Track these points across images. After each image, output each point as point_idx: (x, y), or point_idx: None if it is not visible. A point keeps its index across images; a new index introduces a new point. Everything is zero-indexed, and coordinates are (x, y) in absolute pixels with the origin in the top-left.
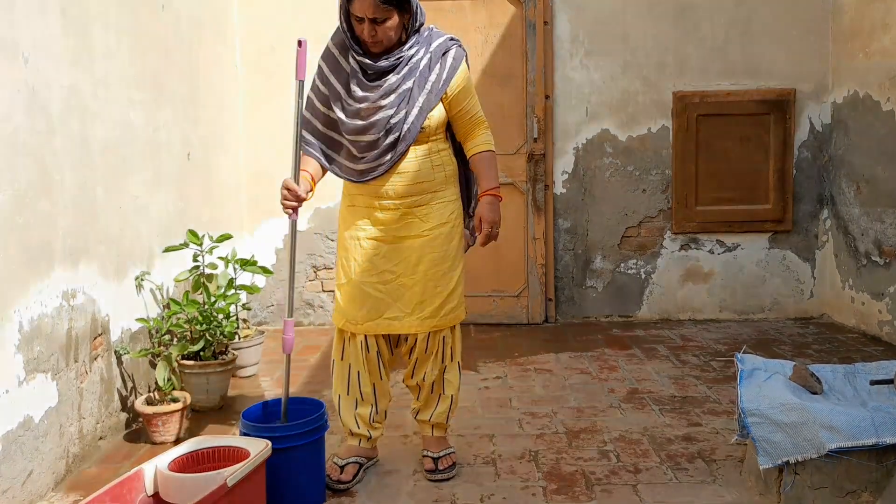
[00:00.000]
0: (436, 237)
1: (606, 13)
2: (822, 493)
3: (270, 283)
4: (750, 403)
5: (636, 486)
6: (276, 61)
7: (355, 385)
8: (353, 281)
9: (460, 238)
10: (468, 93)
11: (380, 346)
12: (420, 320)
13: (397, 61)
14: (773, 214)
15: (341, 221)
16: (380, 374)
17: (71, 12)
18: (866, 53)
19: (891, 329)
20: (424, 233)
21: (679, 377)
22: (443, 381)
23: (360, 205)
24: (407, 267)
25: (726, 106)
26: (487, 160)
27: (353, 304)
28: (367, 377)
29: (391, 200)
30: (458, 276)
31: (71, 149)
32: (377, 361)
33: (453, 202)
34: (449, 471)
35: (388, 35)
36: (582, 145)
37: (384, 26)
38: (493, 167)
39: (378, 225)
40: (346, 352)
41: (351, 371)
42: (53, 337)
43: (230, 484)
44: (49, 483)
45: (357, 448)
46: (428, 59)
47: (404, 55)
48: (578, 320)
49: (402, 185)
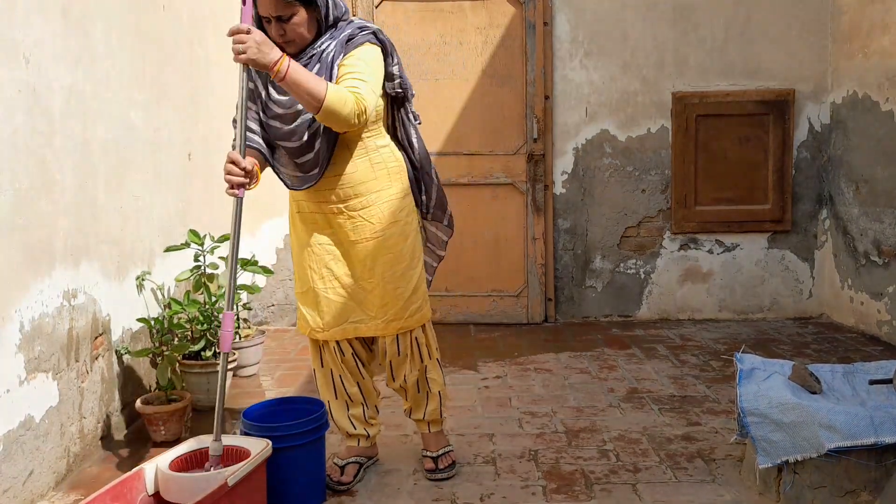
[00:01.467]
0: (387, 237)
1: (606, 14)
2: (822, 493)
3: (271, 283)
4: (749, 403)
5: (636, 486)
6: None
7: (341, 388)
8: (311, 289)
9: (416, 234)
10: (356, 57)
11: (354, 347)
12: (385, 323)
13: (308, 60)
14: (773, 214)
15: (291, 228)
16: (361, 375)
17: (72, 12)
18: (865, 54)
19: (890, 329)
20: (375, 234)
21: (678, 377)
22: (426, 380)
23: (306, 210)
24: (363, 270)
25: (725, 106)
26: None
27: (316, 311)
28: (349, 378)
29: (335, 205)
30: (417, 274)
31: (72, 149)
32: (355, 363)
33: (401, 199)
34: (449, 469)
35: (299, 33)
36: (581, 146)
37: (291, 24)
38: (313, 79)
39: (327, 230)
40: (323, 358)
41: (333, 376)
42: (54, 337)
43: (231, 483)
44: (50, 482)
45: (356, 448)
46: (334, 51)
47: (315, 52)
48: (578, 320)
49: (343, 188)
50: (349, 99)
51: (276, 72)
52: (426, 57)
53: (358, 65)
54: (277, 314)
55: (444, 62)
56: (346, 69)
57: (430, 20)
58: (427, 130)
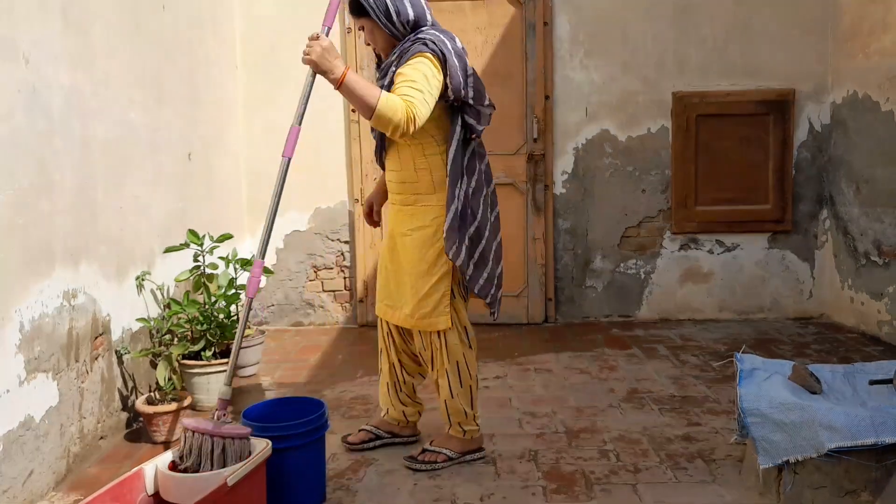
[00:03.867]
0: (416, 238)
1: (606, 14)
2: (822, 493)
3: (271, 283)
4: (749, 403)
5: (636, 486)
6: (275, 61)
7: (379, 360)
8: (378, 265)
9: (443, 249)
10: (409, 66)
11: (391, 328)
12: (404, 316)
13: (383, 71)
14: (773, 215)
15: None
16: (388, 355)
17: (71, 12)
18: (866, 54)
19: (890, 329)
20: (408, 232)
21: (679, 377)
22: (437, 384)
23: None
24: (398, 263)
25: (726, 106)
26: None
27: (378, 284)
28: (384, 355)
29: (391, 195)
30: (433, 283)
31: (71, 149)
32: (386, 343)
33: (437, 208)
34: (422, 463)
35: (374, 39)
36: (582, 145)
37: (368, 31)
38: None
39: (392, 220)
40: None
41: (378, 347)
42: (54, 337)
43: (230, 483)
44: (50, 482)
45: (380, 419)
46: (395, 61)
47: (385, 64)
48: (578, 320)
49: (392, 182)
50: (400, 107)
51: (333, 79)
52: None
53: (409, 73)
54: (277, 314)
55: None
56: (399, 77)
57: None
58: None
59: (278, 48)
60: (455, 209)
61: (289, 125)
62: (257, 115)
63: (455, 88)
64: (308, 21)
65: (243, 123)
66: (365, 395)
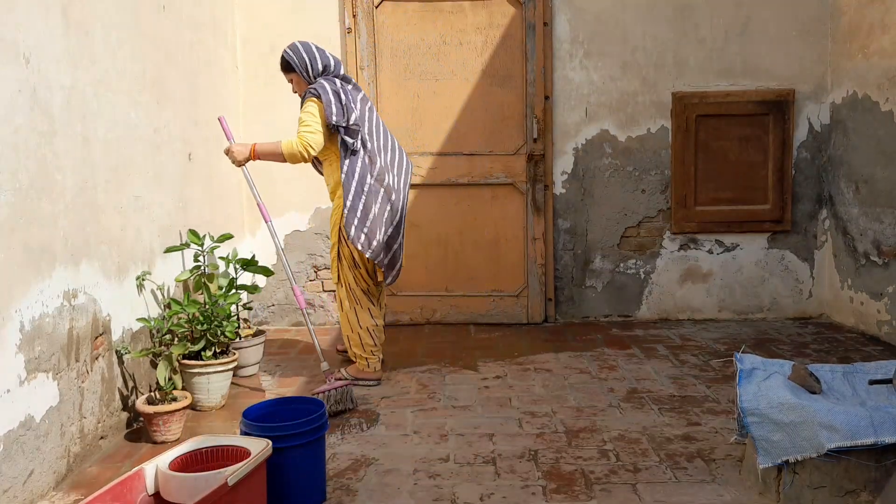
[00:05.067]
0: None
1: (606, 14)
2: (821, 493)
3: (271, 283)
4: (749, 403)
5: (635, 486)
6: (275, 62)
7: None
8: None
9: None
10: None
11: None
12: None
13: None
14: (772, 214)
15: None
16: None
17: (72, 13)
18: (865, 54)
19: (889, 329)
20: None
21: (678, 377)
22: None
23: None
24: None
25: (725, 106)
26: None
27: None
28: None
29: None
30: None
31: (72, 149)
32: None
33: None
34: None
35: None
36: (581, 146)
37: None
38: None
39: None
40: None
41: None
42: (54, 337)
43: (231, 483)
44: (50, 482)
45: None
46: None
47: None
48: (578, 320)
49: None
50: (296, 143)
51: (253, 158)
52: (426, 57)
53: (302, 116)
54: (277, 314)
55: (444, 62)
56: (298, 121)
57: (430, 20)
58: (427, 130)
59: (278, 49)
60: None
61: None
62: (257, 115)
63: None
64: (308, 21)
65: (243, 124)
66: (365, 395)
